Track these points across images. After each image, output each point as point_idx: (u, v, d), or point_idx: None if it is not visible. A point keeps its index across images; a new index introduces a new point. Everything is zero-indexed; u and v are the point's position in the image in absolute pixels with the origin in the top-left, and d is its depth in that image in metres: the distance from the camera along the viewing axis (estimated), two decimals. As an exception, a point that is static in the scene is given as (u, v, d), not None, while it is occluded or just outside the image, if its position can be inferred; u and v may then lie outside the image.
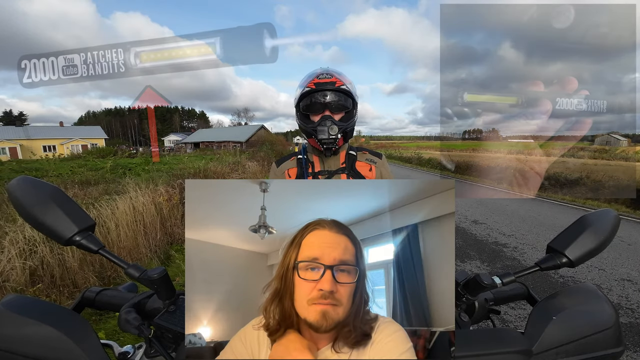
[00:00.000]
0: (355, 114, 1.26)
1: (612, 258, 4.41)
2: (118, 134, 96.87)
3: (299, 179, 1.27)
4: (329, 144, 1.18)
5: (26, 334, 0.49)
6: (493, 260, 4.34)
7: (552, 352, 0.51)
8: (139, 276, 0.58)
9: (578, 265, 0.62)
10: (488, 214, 7.00)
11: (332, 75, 1.20)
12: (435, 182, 1.81)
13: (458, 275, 0.66)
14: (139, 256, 4.07)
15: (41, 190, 0.58)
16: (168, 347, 0.61)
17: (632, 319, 2.92)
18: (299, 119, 1.27)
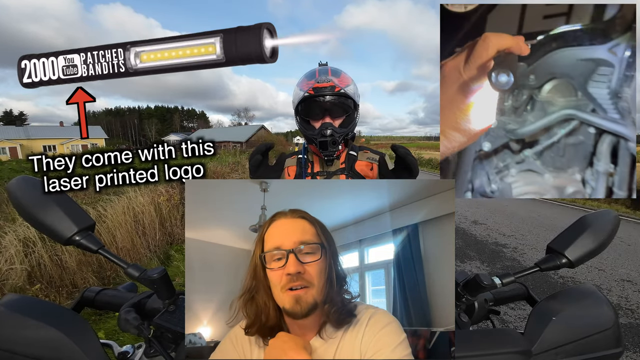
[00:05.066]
0: (356, 117, 1.23)
1: (611, 259, 4.41)
2: (118, 134, 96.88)
3: (297, 179, 1.26)
4: (330, 155, 1.16)
5: (25, 334, 0.49)
6: (493, 260, 4.34)
7: (552, 353, 0.51)
8: (138, 276, 0.58)
9: (578, 266, 0.62)
10: (488, 214, 7.00)
11: (331, 79, 1.16)
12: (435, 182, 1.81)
13: (458, 276, 0.66)
14: (138, 256, 4.07)
15: (41, 190, 0.58)
16: (168, 347, 0.61)
17: (631, 319, 2.93)
18: (299, 123, 1.24)
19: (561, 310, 0.55)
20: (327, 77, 1.16)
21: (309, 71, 1.25)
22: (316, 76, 1.18)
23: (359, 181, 1.25)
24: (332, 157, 1.18)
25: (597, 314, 0.55)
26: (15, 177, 0.61)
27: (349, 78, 1.22)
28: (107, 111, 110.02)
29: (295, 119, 1.25)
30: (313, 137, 1.16)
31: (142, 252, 4.13)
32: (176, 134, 76.60)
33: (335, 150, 1.14)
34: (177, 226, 4.91)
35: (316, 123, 1.18)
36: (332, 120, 1.17)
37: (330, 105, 1.15)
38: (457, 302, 0.65)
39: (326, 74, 1.18)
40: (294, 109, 1.23)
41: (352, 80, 1.23)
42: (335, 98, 1.15)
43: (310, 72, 1.23)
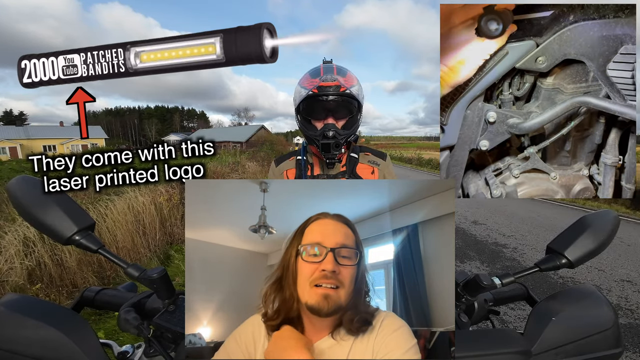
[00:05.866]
0: (359, 118, 1.18)
1: (611, 259, 4.41)
2: (118, 133, 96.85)
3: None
4: (332, 158, 1.13)
5: (25, 334, 0.49)
6: (493, 261, 4.34)
7: (552, 353, 0.51)
8: (138, 276, 0.58)
9: (577, 266, 0.62)
10: (488, 214, 7.00)
11: (336, 78, 1.11)
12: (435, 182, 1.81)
13: (458, 276, 0.66)
14: (138, 256, 4.07)
15: (41, 189, 0.58)
16: (167, 347, 0.61)
17: (631, 319, 2.93)
18: (300, 122, 1.19)
19: (561, 310, 0.55)
20: (333, 76, 1.11)
21: (312, 68, 1.19)
22: (321, 74, 1.13)
23: (358, 181, 1.24)
24: (334, 160, 1.14)
25: (596, 314, 0.55)
26: (15, 177, 0.61)
27: (354, 77, 1.17)
28: (107, 111, 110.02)
29: (296, 118, 1.21)
30: (315, 138, 1.12)
31: (142, 251, 4.13)
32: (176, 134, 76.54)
33: (338, 153, 1.11)
34: (177, 226, 4.91)
35: (318, 123, 1.14)
36: (335, 121, 1.13)
37: (334, 105, 1.11)
38: (457, 302, 0.65)
39: (332, 72, 1.13)
40: (295, 108, 1.19)
41: (358, 79, 1.18)
42: (339, 98, 1.10)
43: (315, 69, 1.17)
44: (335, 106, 1.11)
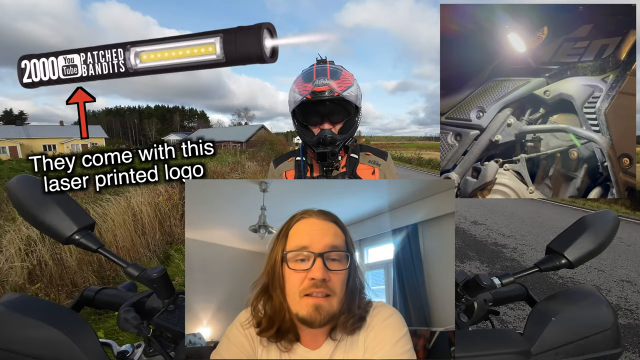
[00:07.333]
0: (357, 120, 1.15)
1: (611, 259, 4.41)
2: (118, 133, 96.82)
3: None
4: (328, 166, 1.12)
5: (24, 333, 0.49)
6: (492, 261, 4.34)
7: (551, 353, 0.52)
8: (138, 275, 0.58)
9: (577, 267, 0.62)
10: (487, 214, 7.00)
11: (329, 82, 1.05)
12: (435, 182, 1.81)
13: (457, 276, 0.66)
14: (138, 256, 4.07)
15: (41, 189, 0.58)
16: (167, 347, 0.61)
17: (630, 320, 2.93)
18: (296, 127, 1.17)
19: (560, 310, 0.55)
20: (326, 80, 1.06)
21: (306, 70, 1.14)
22: (314, 78, 1.07)
23: (358, 181, 1.24)
24: (331, 168, 1.14)
25: (596, 314, 0.55)
26: (15, 176, 0.61)
27: (349, 78, 1.12)
28: (107, 111, 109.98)
29: (293, 121, 1.19)
30: (311, 145, 1.10)
31: (141, 251, 4.13)
32: (176, 134, 76.52)
33: (334, 161, 1.09)
34: (176, 226, 4.91)
35: (314, 128, 1.11)
36: (332, 125, 1.11)
37: (329, 110, 1.08)
38: (457, 303, 0.65)
39: (325, 76, 1.07)
40: (291, 112, 1.16)
41: (354, 79, 1.14)
42: (334, 103, 1.07)
43: (308, 72, 1.12)
44: (330, 111, 1.09)
